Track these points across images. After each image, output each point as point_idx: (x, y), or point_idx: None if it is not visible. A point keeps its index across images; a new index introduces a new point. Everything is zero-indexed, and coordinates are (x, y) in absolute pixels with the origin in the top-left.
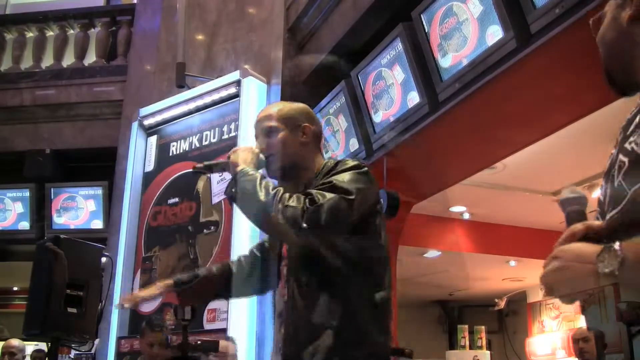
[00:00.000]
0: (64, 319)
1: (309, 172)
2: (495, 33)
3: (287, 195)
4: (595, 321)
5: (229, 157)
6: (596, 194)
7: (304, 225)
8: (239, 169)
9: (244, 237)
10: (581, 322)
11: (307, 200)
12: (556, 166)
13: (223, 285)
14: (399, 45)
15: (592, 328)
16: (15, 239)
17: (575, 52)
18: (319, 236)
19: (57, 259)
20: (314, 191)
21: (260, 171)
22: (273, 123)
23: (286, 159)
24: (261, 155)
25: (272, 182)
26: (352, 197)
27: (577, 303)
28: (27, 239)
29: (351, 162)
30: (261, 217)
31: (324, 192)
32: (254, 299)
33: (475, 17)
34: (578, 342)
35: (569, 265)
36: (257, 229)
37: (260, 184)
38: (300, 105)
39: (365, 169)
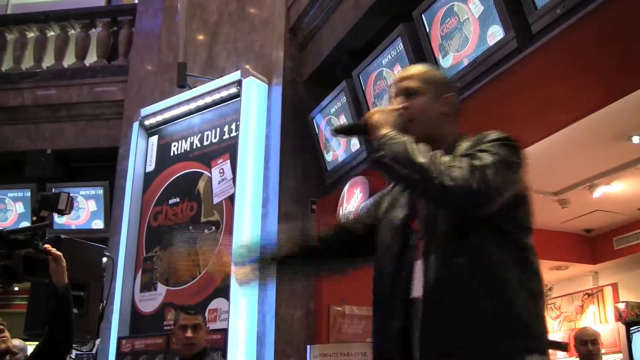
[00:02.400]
0: None
1: (443, 145)
2: (496, 33)
3: (447, 157)
4: None
5: (366, 120)
6: (597, 194)
7: (474, 186)
8: (383, 131)
9: (244, 237)
10: (583, 322)
11: (469, 161)
12: (557, 166)
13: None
14: (400, 45)
15: None
16: None
17: (576, 52)
18: (486, 200)
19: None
20: (471, 151)
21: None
22: (415, 84)
23: (425, 127)
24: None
25: (422, 145)
26: (518, 170)
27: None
28: None
29: (505, 134)
30: (421, 181)
31: (486, 155)
32: (254, 299)
33: (476, 17)
34: (587, 343)
35: None
36: (258, 231)
37: (414, 146)
38: (443, 74)
39: (519, 145)
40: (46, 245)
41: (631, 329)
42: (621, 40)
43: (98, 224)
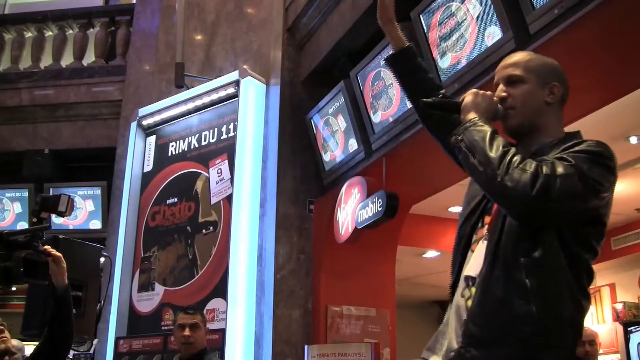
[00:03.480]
0: None
1: (545, 137)
2: (494, 33)
3: (518, 157)
4: None
5: (463, 99)
6: None
7: (532, 192)
8: (470, 116)
9: (242, 237)
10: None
11: (540, 167)
12: None
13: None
14: None
15: None
16: None
17: (573, 53)
18: (542, 211)
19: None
20: (551, 158)
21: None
22: (519, 72)
23: (525, 116)
24: (499, 105)
25: (502, 139)
26: (596, 190)
27: None
28: None
29: (600, 149)
30: (485, 174)
31: (562, 164)
32: (252, 299)
33: (474, 18)
34: (584, 344)
35: None
36: (256, 231)
37: (492, 137)
38: (553, 61)
39: (614, 164)
40: (46, 247)
41: (629, 329)
42: (619, 41)
43: (96, 224)
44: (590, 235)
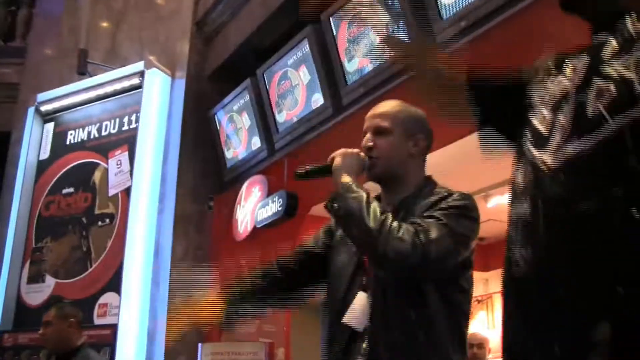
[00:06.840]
0: None
1: (409, 186)
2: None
3: (395, 225)
4: None
5: (332, 160)
6: None
7: (413, 261)
8: (343, 181)
9: (139, 231)
10: (475, 328)
11: (417, 234)
12: None
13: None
14: (306, 47)
15: None
16: None
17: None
18: (425, 274)
19: None
20: (423, 223)
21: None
22: (387, 124)
23: (389, 166)
24: (362, 154)
25: (377, 204)
26: (466, 243)
27: None
28: None
29: (466, 202)
30: (366, 244)
31: (435, 226)
32: (147, 295)
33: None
34: (473, 347)
35: None
36: (153, 225)
37: (368, 206)
38: (420, 112)
39: (478, 214)
40: None
41: None
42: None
43: None
44: (460, 279)
